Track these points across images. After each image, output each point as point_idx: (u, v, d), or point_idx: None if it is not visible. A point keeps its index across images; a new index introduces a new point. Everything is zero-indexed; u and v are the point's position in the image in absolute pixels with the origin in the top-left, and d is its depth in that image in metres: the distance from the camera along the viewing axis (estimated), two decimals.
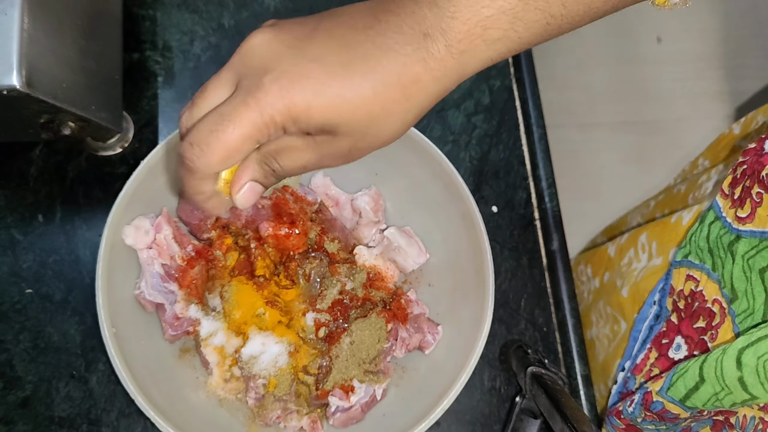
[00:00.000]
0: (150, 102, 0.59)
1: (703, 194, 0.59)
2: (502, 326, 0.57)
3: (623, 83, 1.61)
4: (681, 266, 0.50)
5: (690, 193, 0.62)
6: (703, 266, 0.47)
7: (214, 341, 0.49)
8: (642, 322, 0.53)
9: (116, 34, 0.55)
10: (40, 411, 0.51)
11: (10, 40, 0.41)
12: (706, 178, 0.60)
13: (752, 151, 0.45)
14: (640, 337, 0.53)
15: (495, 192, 0.60)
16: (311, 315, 0.50)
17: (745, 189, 0.44)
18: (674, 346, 0.48)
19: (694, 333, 0.47)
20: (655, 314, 0.52)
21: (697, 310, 0.47)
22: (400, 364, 0.52)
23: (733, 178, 0.46)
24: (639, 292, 0.55)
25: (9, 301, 0.53)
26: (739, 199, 0.44)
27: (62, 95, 0.45)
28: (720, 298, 0.45)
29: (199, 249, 0.51)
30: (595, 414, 0.55)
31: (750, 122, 0.62)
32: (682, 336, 0.48)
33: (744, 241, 0.43)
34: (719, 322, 0.45)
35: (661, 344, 0.50)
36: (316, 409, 0.50)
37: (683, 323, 0.48)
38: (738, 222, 0.44)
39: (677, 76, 1.62)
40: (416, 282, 0.55)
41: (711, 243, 0.46)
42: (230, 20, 0.63)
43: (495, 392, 0.54)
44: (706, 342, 0.46)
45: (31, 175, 0.56)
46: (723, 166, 0.60)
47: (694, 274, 0.48)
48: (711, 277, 0.46)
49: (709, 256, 0.47)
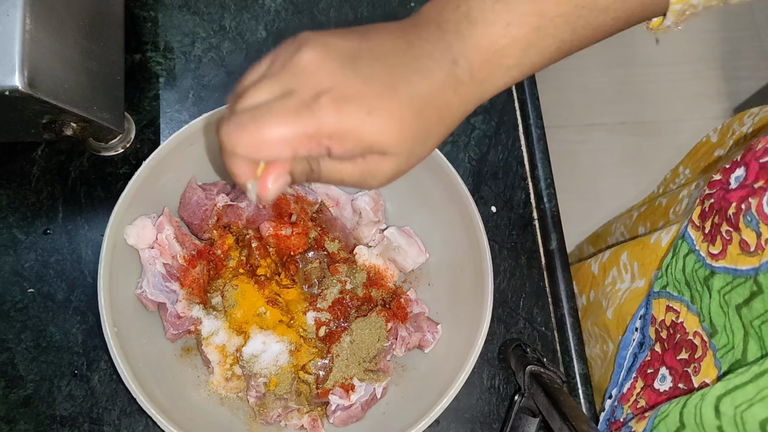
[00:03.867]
0: (151, 103, 0.60)
1: (682, 210, 0.58)
2: (501, 325, 0.57)
3: (621, 84, 1.62)
4: (660, 297, 0.49)
5: (671, 207, 0.62)
6: (681, 298, 0.47)
7: (216, 340, 0.50)
8: (626, 348, 0.53)
9: (118, 35, 0.55)
10: (42, 410, 0.51)
11: (12, 41, 0.42)
12: (687, 193, 0.59)
13: (718, 183, 0.44)
14: (625, 364, 0.53)
15: (494, 192, 0.60)
16: (312, 314, 0.50)
17: (714, 225, 0.43)
18: (659, 377, 0.48)
19: (677, 365, 0.46)
20: (638, 342, 0.52)
21: (680, 341, 0.46)
22: (400, 363, 0.53)
23: (702, 211, 0.45)
24: (622, 315, 0.55)
25: (11, 300, 0.53)
26: (710, 234, 0.44)
27: (64, 96, 0.45)
28: (701, 331, 0.45)
29: (200, 248, 0.51)
30: (593, 413, 0.56)
31: (726, 130, 0.62)
32: (666, 367, 0.47)
33: (719, 277, 0.43)
34: (701, 355, 0.44)
35: (647, 374, 0.49)
36: (317, 408, 0.50)
37: (667, 354, 0.48)
38: (711, 258, 0.43)
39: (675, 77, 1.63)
40: (416, 281, 0.55)
41: (687, 276, 0.46)
42: (231, 22, 0.63)
43: (494, 391, 0.55)
44: (689, 375, 0.45)
45: (33, 175, 0.56)
46: (702, 181, 0.59)
47: (673, 306, 0.47)
48: (690, 309, 0.46)
49: (686, 288, 0.46)
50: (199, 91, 0.61)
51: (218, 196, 0.52)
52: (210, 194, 0.52)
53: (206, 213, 0.51)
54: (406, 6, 0.65)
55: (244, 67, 0.61)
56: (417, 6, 0.65)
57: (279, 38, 0.63)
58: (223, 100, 0.60)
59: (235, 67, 0.62)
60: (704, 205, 0.45)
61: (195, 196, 0.51)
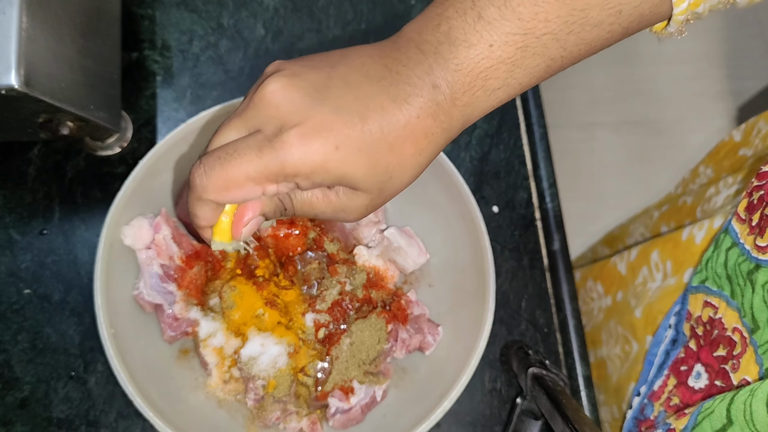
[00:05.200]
0: (149, 101, 0.59)
1: (713, 208, 0.57)
2: (503, 327, 0.56)
3: (624, 83, 1.61)
4: (698, 292, 0.48)
5: (698, 206, 0.61)
6: (721, 293, 0.46)
7: (214, 342, 0.49)
8: (657, 345, 0.52)
9: (115, 34, 0.55)
10: (39, 412, 0.50)
11: (8, 39, 0.41)
12: (714, 191, 0.59)
13: (766, 175, 0.43)
14: (655, 361, 0.52)
15: (496, 192, 0.60)
16: (311, 316, 0.50)
17: (763, 217, 0.42)
18: (694, 374, 0.47)
19: (714, 361, 0.45)
20: (671, 339, 0.51)
21: (717, 338, 0.45)
22: (401, 365, 0.52)
23: (749, 203, 0.44)
24: (652, 314, 0.54)
25: (7, 301, 0.52)
26: (757, 226, 0.43)
27: (61, 95, 0.45)
28: (740, 327, 0.43)
29: (198, 249, 0.51)
30: (596, 416, 0.55)
31: (751, 129, 0.61)
32: (702, 364, 0.46)
33: (764, 271, 0.41)
34: (741, 352, 0.43)
35: (680, 371, 0.48)
36: (316, 411, 0.50)
37: (702, 351, 0.47)
38: (758, 251, 0.42)
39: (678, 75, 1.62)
40: (416, 282, 0.54)
41: (729, 270, 0.45)
42: (229, 19, 0.62)
43: (496, 393, 0.54)
44: (727, 372, 0.44)
45: (30, 175, 0.56)
46: (731, 179, 0.58)
47: (712, 301, 0.46)
48: (730, 304, 0.45)
49: (727, 283, 0.45)
50: (196, 89, 0.60)
51: None
52: None
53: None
54: (407, 3, 0.65)
55: (243, 65, 0.61)
56: (417, 4, 0.65)
57: (278, 36, 0.62)
58: (221, 98, 0.60)
59: (233, 65, 0.61)
60: (752, 197, 0.44)
61: None
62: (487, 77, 0.32)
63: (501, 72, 0.32)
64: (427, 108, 0.32)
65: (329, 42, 0.63)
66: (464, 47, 0.31)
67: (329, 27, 0.63)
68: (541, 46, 0.32)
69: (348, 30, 0.63)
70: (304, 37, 0.63)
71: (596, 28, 0.32)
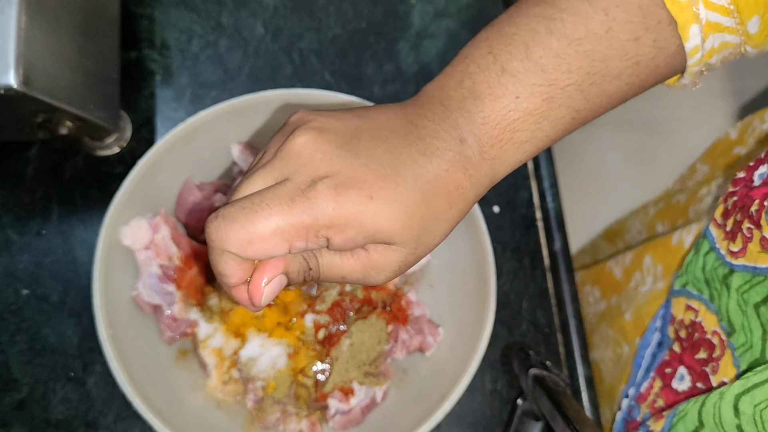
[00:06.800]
0: (148, 101, 0.59)
1: (703, 208, 0.58)
2: (504, 328, 0.56)
3: None
4: (680, 295, 0.49)
5: (690, 205, 0.61)
6: (701, 296, 0.46)
7: (213, 343, 0.49)
8: (645, 348, 0.52)
9: (114, 33, 0.54)
10: (37, 413, 0.50)
11: (7, 38, 0.41)
12: (706, 192, 0.59)
13: (741, 181, 0.43)
14: (643, 364, 0.52)
15: (496, 192, 0.60)
16: (310, 316, 0.49)
17: (736, 222, 0.43)
18: (677, 377, 0.47)
19: (696, 364, 0.46)
20: (657, 341, 0.51)
21: (698, 340, 0.46)
22: (401, 366, 0.52)
23: (725, 209, 0.45)
24: (641, 317, 0.54)
25: (5, 302, 0.52)
26: (731, 232, 0.43)
27: (59, 94, 0.45)
28: (719, 330, 0.44)
29: (197, 249, 0.50)
30: (597, 417, 0.55)
31: (746, 127, 0.61)
32: (684, 366, 0.47)
33: (737, 275, 0.42)
34: (720, 355, 0.44)
35: (665, 374, 0.49)
36: (316, 412, 0.49)
37: (685, 353, 0.47)
38: (731, 256, 0.43)
39: None
40: (417, 283, 0.54)
41: (707, 274, 0.45)
42: (229, 19, 0.62)
43: (496, 394, 0.54)
44: (707, 374, 0.45)
45: (28, 175, 0.55)
46: (722, 179, 0.59)
47: (692, 305, 0.47)
48: (709, 308, 0.45)
49: (706, 286, 0.46)
50: (195, 89, 0.60)
51: (215, 196, 0.51)
52: (207, 194, 0.51)
53: (203, 213, 0.50)
54: (407, 3, 0.64)
55: (242, 64, 0.61)
56: (417, 3, 0.64)
57: (277, 35, 0.62)
58: (220, 97, 0.60)
59: (233, 65, 0.61)
60: (727, 203, 0.44)
61: (192, 196, 0.51)
62: (515, 129, 0.32)
63: (528, 124, 0.32)
64: (457, 161, 0.31)
65: (329, 41, 0.62)
66: (490, 100, 0.31)
67: (329, 26, 0.63)
68: (566, 97, 0.32)
69: (348, 29, 0.63)
70: (303, 36, 0.62)
71: (616, 80, 0.33)
